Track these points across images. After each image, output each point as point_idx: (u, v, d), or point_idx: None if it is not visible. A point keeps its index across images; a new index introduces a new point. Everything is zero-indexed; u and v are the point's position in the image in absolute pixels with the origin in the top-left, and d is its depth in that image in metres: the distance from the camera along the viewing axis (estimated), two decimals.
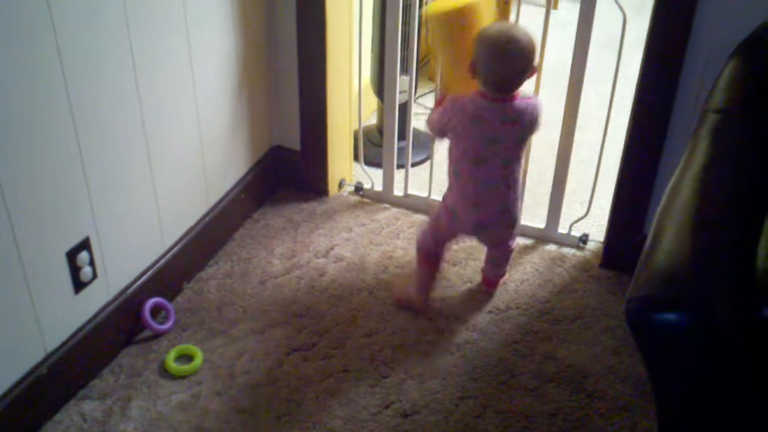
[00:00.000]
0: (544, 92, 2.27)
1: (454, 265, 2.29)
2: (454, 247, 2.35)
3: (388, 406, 1.84)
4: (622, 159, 2.16)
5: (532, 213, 2.42)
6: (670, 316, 1.28)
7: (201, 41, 2.04)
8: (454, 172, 1.99)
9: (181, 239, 2.15)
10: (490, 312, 2.12)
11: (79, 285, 1.81)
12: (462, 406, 1.84)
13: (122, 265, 1.95)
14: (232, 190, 2.37)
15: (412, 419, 1.81)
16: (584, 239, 2.36)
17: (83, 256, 1.79)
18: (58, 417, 1.78)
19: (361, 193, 2.62)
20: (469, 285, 2.21)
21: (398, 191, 2.58)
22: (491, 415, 1.82)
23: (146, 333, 2.01)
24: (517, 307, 2.14)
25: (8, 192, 1.55)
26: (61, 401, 1.81)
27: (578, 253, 2.34)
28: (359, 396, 1.87)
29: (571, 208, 2.42)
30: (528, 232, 2.41)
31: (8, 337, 1.66)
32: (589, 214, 2.35)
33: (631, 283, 1.43)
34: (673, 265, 1.34)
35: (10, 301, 1.64)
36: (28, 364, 1.72)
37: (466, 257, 2.32)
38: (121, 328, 1.95)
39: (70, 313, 1.82)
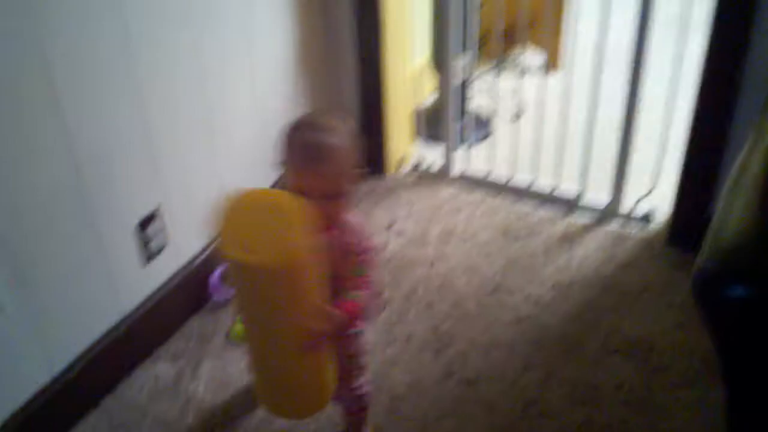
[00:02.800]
0: (607, 70, 2.26)
1: (516, 239, 2.29)
2: (518, 225, 2.36)
3: (451, 375, 1.86)
4: (688, 135, 2.13)
5: (596, 189, 2.41)
6: (738, 290, 1.27)
7: (259, 21, 2.08)
8: None
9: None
10: (554, 287, 2.12)
11: (149, 254, 1.86)
12: (526, 375, 1.85)
13: (191, 235, 2.00)
14: None
15: (475, 387, 1.82)
16: (649, 216, 2.34)
17: (154, 226, 1.84)
18: (133, 376, 1.84)
19: (421, 170, 2.64)
20: (531, 259, 2.21)
21: (458, 169, 2.59)
22: (555, 386, 1.82)
23: (216, 300, 2.06)
24: (581, 282, 2.13)
25: (85, 168, 1.61)
26: (135, 362, 1.87)
27: (643, 229, 2.33)
28: (422, 364, 1.89)
29: (636, 185, 2.40)
30: (591, 209, 2.41)
31: (85, 301, 1.72)
32: (655, 191, 2.33)
33: (697, 257, 1.43)
34: (740, 240, 1.32)
35: (86, 270, 1.70)
36: (105, 326, 1.78)
37: (528, 233, 2.32)
38: (191, 295, 2.00)
39: (142, 281, 1.87)
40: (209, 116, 1.96)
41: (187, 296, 1.99)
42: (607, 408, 1.76)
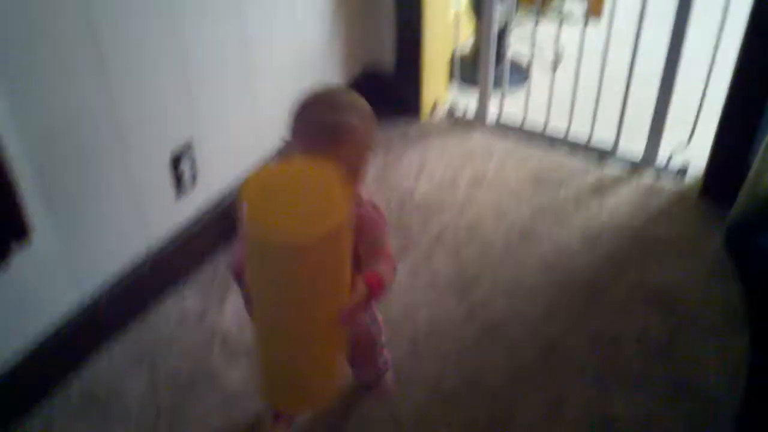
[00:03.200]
0: (649, 19, 2.20)
1: (548, 187, 2.27)
2: (551, 173, 2.34)
3: (474, 318, 1.86)
4: (730, 87, 2.07)
5: (631, 139, 2.37)
6: None
7: None
8: None
9: (277, 149, 2.20)
10: (583, 235, 2.10)
11: (180, 189, 1.88)
12: (549, 321, 1.85)
13: (221, 171, 2.01)
14: None
15: (497, 331, 1.82)
16: (684, 168, 2.29)
17: (186, 161, 1.86)
18: (160, 309, 1.87)
19: (454, 115, 2.62)
20: (562, 208, 2.20)
21: (492, 115, 2.56)
22: (577, 333, 1.81)
23: None
24: (611, 233, 2.11)
25: (120, 98, 1.62)
26: (162, 294, 1.90)
27: (677, 181, 2.29)
28: (446, 306, 1.89)
29: (672, 138, 2.35)
30: (625, 160, 2.37)
31: (116, 231, 1.75)
32: (692, 144, 2.29)
33: (733, 207, 1.40)
34: None
35: (118, 200, 1.73)
36: (133, 260, 1.81)
37: (560, 181, 2.30)
38: (219, 230, 2.02)
39: (172, 215, 1.90)
40: (245, 51, 1.95)
41: (216, 230, 2.01)
42: (628, 357, 1.75)
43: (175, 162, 1.83)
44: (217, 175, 2.00)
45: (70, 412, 1.65)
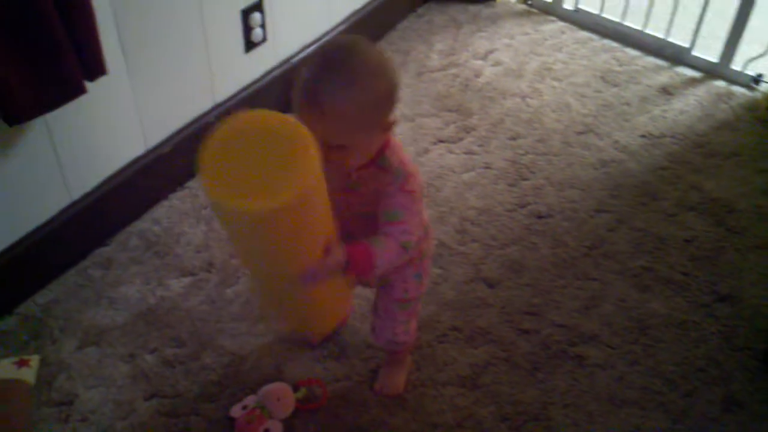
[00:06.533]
0: None
1: (615, 84, 2.23)
2: (619, 70, 2.30)
3: (523, 206, 1.89)
4: None
5: (706, 45, 2.30)
6: None
7: None
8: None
9: (347, 19, 2.19)
10: (643, 136, 2.08)
11: (249, 44, 1.90)
12: (597, 217, 1.86)
13: (290, 34, 2.02)
14: None
15: (545, 221, 1.85)
16: (757, 79, 2.23)
17: (256, 16, 1.87)
18: None
19: (529, 2, 2.55)
20: (626, 106, 2.17)
21: (569, 4, 2.50)
22: (624, 231, 1.83)
23: None
24: (672, 136, 2.08)
25: None
26: None
27: (748, 92, 2.23)
28: (497, 192, 1.92)
29: (749, 46, 2.27)
30: (699, 65, 2.31)
31: (184, 86, 1.79)
32: None
33: None
34: None
35: (190, 53, 1.76)
36: (199, 110, 1.86)
37: (628, 80, 2.26)
38: (285, 92, 2.04)
39: (238, 71, 1.92)
40: None
41: (280, 93, 2.04)
42: (671, 259, 1.77)
43: (246, 17, 1.84)
44: (285, 38, 2.01)
45: (128, 256, 1.73)
